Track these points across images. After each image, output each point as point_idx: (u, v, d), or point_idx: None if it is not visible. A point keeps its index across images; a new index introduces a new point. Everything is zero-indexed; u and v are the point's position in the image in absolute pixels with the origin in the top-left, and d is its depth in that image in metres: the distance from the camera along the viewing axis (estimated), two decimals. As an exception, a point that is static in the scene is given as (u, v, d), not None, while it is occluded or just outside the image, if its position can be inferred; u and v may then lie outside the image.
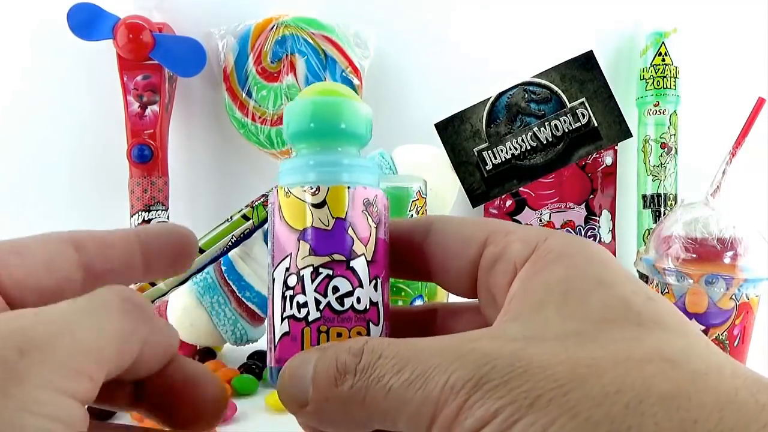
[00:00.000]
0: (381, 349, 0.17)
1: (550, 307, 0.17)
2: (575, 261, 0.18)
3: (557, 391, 0.14)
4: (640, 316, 0.16)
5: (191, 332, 0.53)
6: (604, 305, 0.17)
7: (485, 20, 0.71)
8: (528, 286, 0.18)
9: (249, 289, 0.53)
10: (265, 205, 0.51)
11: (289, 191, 0.23)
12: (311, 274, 0.22)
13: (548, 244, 0.19)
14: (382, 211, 0.23)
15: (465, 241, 0.21)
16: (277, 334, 0.22)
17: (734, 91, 0.72)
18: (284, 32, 0.64)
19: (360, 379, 0.17)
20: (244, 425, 0.45)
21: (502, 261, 0.20)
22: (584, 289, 0.17)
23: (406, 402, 0.16)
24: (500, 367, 0.15)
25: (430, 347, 0.17)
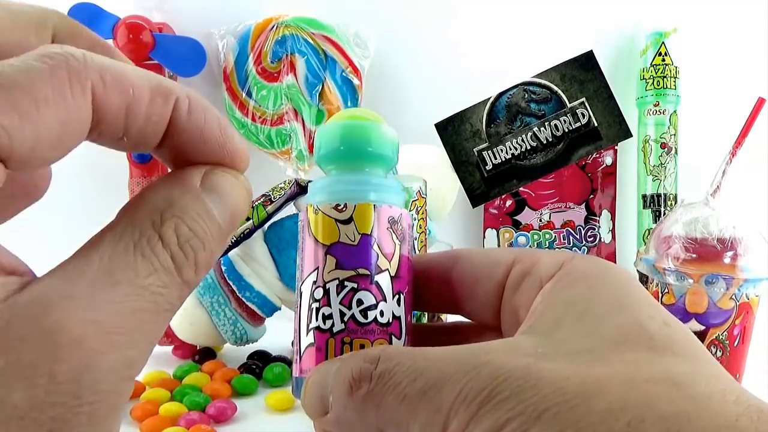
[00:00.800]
0: (398, 357, 0.18)
1: (566, 325, 0.18)
2: (598, 282, 0.19)
3: (564, 405, 0.15)
4: (653, 340, 0.17)
5: (191, 332, 0.53)
6: (618, 327, 0.17)
7: (485, 20, 0.71)
8: (549, 301, 0.19)
9: (249, 289, 0.53)
10: (265, 204, 0.51)
11: (318, 208, 0.24)
12: (337, 287, 0.24)
13: (574, 263, 0.20)
14: (407, 230, 0.24)
15: (493, 265, 0.22)
16: (303, 345, 0.23)
17: (734, 91, 0.72)
18: (284, 32, 0.64)
19: (376, 385, 0.18)
20: (244, 425, 0.45)
21: (529, 278, 0.21)
22: (602, 310, 0.18)
23: (420, 410, 0.17)
24: (512, 380, 0.16)
25: (445, 357, 0.17)
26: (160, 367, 0.53)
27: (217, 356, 0.56)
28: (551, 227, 0.72)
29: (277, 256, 0.53)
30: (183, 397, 0.46)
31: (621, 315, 0.17)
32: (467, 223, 0.74)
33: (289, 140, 0.65)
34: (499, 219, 0.72)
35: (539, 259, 0.21)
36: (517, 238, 0.72)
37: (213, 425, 0.44)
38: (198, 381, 0.49)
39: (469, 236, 0.74)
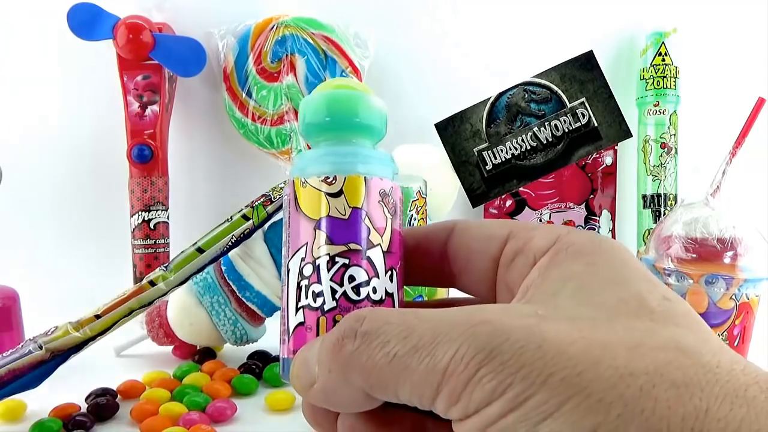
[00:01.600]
0: (387, 316, 0.17)
1: (564, 296, 0.17)
2: (594, 257, 0.18)
3: (570, 370, 0.14)
4: (654, 313, 0.16)
5: (191, 332, 0.53)
6: (618, 300, 0.17)
7: (485, 20, 0.71)
8: (545, 275, 0.18)
9: (249, 289, 0.53)
10: (265, 204, 0.51)
11: (306, 181, 0.23)
12: (327, 263, 0.22)
13: (570, 237, 0.19)
14: (398, 203, 0.23)
15: (487, 239, 0.21)
16: (292, 324, 0.22)
17: (734, 91, 0.72)
18: (284, 32, 0.64)
19: (362, 343, 0.16)
20: (244, 425, 0.45)
21: (523, 254, 0.20)
22: (600, 284, 0.17)
23: (411, 370, 0.16)
24: (513, 340, 0.15)
25: (439, 317, 0.16)
26: (160, 367, 0.53)
27: (217, 356, 0.56)
28: (551, 227, 0.71)
29: (277, 256, 0.53)
30: (183, 397, 0.46)
31: (620, 289, 0.17)
32: (467, 223, 0.74)
33: (289, 140, 0.65)
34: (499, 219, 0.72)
35: (533, 236, 0.20)
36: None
37: (213, 425, 0.44)
38: (198, 381, 0.49)
39: (469, 236, 0.74)
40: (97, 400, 0.45)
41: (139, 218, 0.61)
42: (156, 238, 0.61)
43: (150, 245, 0.61)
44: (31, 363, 0.43)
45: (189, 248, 0.50)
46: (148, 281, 0.47)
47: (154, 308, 0.54)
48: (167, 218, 0.63)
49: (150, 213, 0.61)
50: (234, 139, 0.67)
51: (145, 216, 0.61)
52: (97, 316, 0.45)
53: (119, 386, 0.49)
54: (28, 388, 0.43)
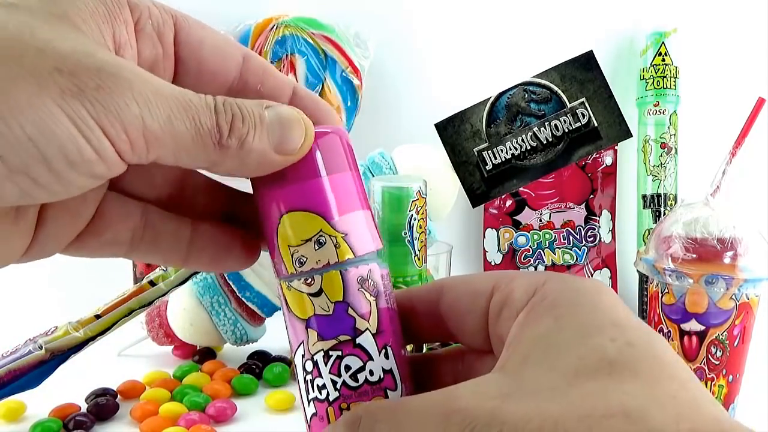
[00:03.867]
0: (376, 414, 0.20)
1: (532, 362, 0.19)
2: (564, 310, 0.20)
3: None
4: (613, 365, 0.18)
5: (191, 332, 0.53)
6: (579, 358, 0.18)
7: (485, 20, 0.71)
8: (520, 336, 0.20)
9: (249, 289, 0.53)
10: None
11: (290, 285, 0.25)
12: (323, 357, 0.24)
13: (544, 289, 0.21)
14: (379, 282, 0.25)
15: (474, 296, 0.23)
16: (308, 414, 0.25)
17: (734, 91, 0.72)
18: (284, 32, 0.64)
19: None
20: (244, 425, 0.45)
21: (506, 308, 0.21)
22: (566, 342, 0.19)
23: None
24: (479, 427, 0.17)
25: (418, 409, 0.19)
26: (160, 367, 0.53)
27: (217, 356, 0.56)
28: (551, 227, 0.72)
29: (277, 256, 0.53)
30: (183, 397, 0.46)
31: (583, 344, 0.18)
32: (467, 223, 0.74)
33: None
34: (499, 219, 0.72)
35: (513, 288, 0.21)
36: (517, 238, 0.72)
37: (213, 425, 0.44)
38: (198, 381, 0.50)
39: (469, 236, 0.74)
40: (97, 400, 0.45)
41: (139, 218, 0.61)
42: (156, 238, 0.61)
43: (150, 245, 0.61)
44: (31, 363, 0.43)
45: (189, 248, 0.50)
46: (148, 281, 0.47)
47: (154, 308, 0.54)
48: (167, 218, 0.63)
49: (150, 213, 0.61)
50: (234, 139, 0.67)
51: (145, 216, 0.61)
52: (97, 316, 0.45)
53: (119, 386, 0.49)
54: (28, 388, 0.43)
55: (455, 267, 0.62)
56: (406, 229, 0.42)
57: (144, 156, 0.19)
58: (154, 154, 0.19)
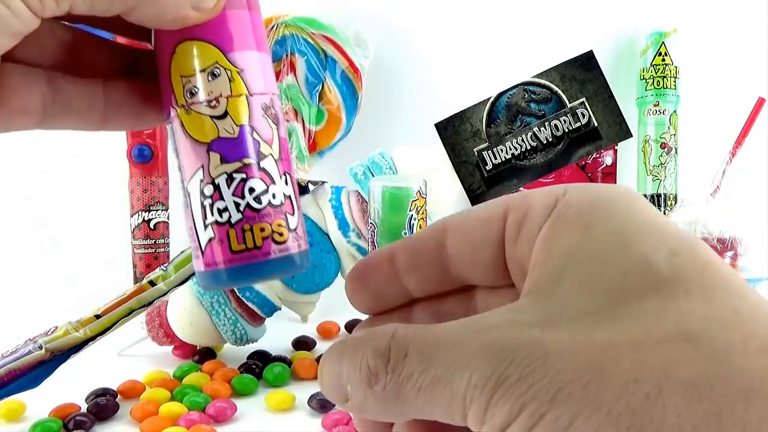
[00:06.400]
0: (406, 345, 0.17)
1: (567, 280, 0.17)
2: (594, 218, 0.17)
3: (576, 383, 0.14)
4: (661, 277, 0.16)
5: (191, 332, 0.53)
6: (622, 271, 0.16)
7: (485, 20, 0.71)
8: (547, 251, 0.18)
9: (249, 289, 0.53)
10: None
11: (190, 109, 0.25)
12: (226, 180, 0.24)
13: (567, 198, 0.18)
14: (279, 111, 0.25)
15: (486, 223, 0.21)
16: (203, 241, 0.24)
17: (734, 91, 0.72)
18: (284, 32, 0.64)
19: (392, 378, 0.17)
20: (244, 425, 0.45)
21: (525, 226, 0.19)
22: (603, 252, 0.17)
23: (437, 399, 0.16)
24: (519, 360, 0.15)
25: (450, 340, 0.17)
26: (160, 367, 0.53)
27: (217, 356, 0.56)
28: (551, 227, 0.72)
29: (277, 256, 0.53)
30: (183, 397, 0.46)
31: (623, 254, 0.16)
32: (467, 223, 0.74)
33: (289, 140, 0.65)
34: (499, 219, 0.72)
35: (531, 204, 0.19)
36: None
37: (213, 425, 0.44)
38: (198, 381, 0.49)
39: (469, 236, 0.74)
40: (97, 400, 0.45)
41: (139, 218, 0.61)
42: (156, 238, 0.61)
43: (150, 245, 0.61)
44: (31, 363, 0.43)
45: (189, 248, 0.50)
46: (148, 281, 0.47)
47: (154, 308, 0.54)
48: (167, 218, 0.63)
49: (150, 213, 0.61)
50: (234, 139, 0.67)
51: (145, 216, 0.61)
52: (97, 316, 0.45)
53: (119, 386, 0.49)
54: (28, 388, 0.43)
55: (455, 267, 0.62)
56: (406, 229, 0.42)
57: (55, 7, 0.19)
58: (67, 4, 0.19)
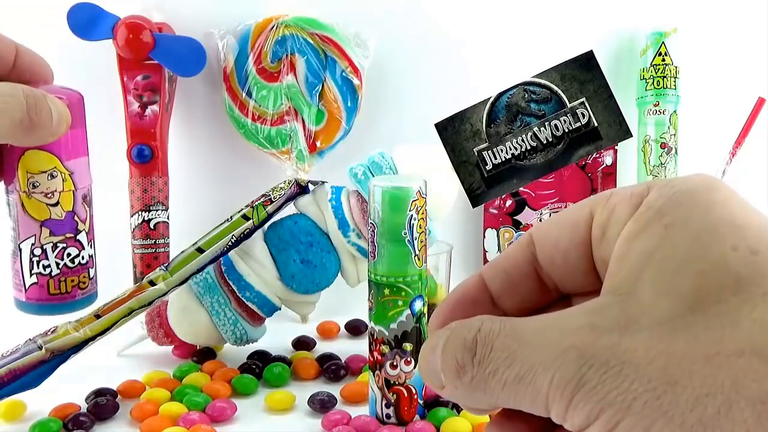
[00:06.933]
0: (492, 340, 0.18)
1: (646, 282, 0.17)
2: (674, 217, 0.18)
3: (651, 394, 0.15)
4: (738, 280, 0.16)
5: (191, 332, 0.53)
6: (699, 275, 0.16)
7: (485, 20, 0.70)
8: (628, 251, 0.18)
9: (249, 289, 0.53)
10: (265, 204, 0.51)
11: (31, 194, 0.41)
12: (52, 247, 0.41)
13: (649, 199, 0.19)
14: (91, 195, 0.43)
15: (572, 227, 0.21)
16: (27, 282, 0.41)
17: (734, 91, 0.72)
18: (284, 32, 0.64)
19: (478, 372, 0.18)
20: (244, 425, 0.45)
21: (610, 227, 0.19)
22: (681, 255, 0.17)
23: (521, 395, 0.17)
24: (597, 366, 0.16)
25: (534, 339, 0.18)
26: (160, 367, 0.53)
27: (217, 356, 0.56)
28: (551, 227, 0.72)
29: (277, 256, 0.53)
30: (183, 397, 0.46)
31: (701, 257, 0.17)
32: (467, 223, 0.74)
33: (289, 140, 0.65)
34: (499, 219, 0.72)
35: (615, 204, 0.20)
36: (517, 238, 0.72)
37: (213, 425, 0.44)
38: (198, 381, 0.50)
39: (469, 236, 0.74)
40: (97, 400, 0.45)
41: (139, 218, 0.61)
42: (156, 238, 0.61)
43: (150, 245, 0.61)
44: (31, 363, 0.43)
45: (189, 248, 0.50)
46: (148, 281, 0.47)
47: (154, 308, 0.54)
48: (167, 218, 0.63)
49: (150, 213, 0.61)
50: (234, 139, 0.67)
51: (145, 216, 0.61)
52: (97, 316, 0.45)
53: (119, 386, 0.49)
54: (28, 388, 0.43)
55: (455, 267, 0.62)
56: (406, 229, 0.42)
57: None
58: None
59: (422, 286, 0.44)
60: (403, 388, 0.43)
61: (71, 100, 0.44)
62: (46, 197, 0.41)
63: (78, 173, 0.44)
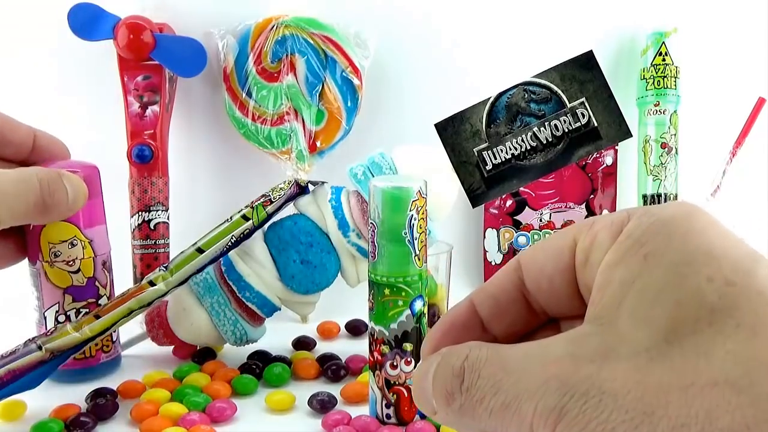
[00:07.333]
0: (479, 367, 0.19)
1: (624, 312, 0.17)
2: (653, 247, 0.18)
3: (628, 424, 0.15)
4: (713, 312, 0.16)
5: (191, 332, 0.53)
6: (675, 304, 0.17)
7: (485, 20, 0.71)
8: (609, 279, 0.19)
9: (249, 289, 0.53)
10: (265, 205, 0.51)
11: (53, 264, 0.44)
12: (75, 313, 0.45)
13: (628, 227, 0.19)
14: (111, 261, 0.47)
15: (557, 253, 0.21)
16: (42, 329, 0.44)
17: (734, 91, 0.72)
18: (284, 32, 0.64)
19: (466, 399, 0.19)
20: (244, 425, 0.45)
21: (593, 253, 0.20)
22: (659, 284, 0.17)
23: (508, 422, 0.18)
24: (577, 396, 0.16)
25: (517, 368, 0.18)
26: (160, 367, 0.53)
27: (217, 356, 0.56)
28: (551, 227, 0.72)
29: (277, 256, 0.53)
30: (183, 397, 0.46)
31: (678, 287, 0.17)
32: (467, 223, 0.74)
33: (289, 140, 0.65)
34: (499, 219, 0.72)
35: (597, 231, 0.20)
36: (517, 238, 0.72)
37: (213, 425, 0.44)
38: (198, 381, 0.49)
39: (469, 236, 0.74)
40: (97, 400, 0.45)
41: (138, 218, 0.61)
42: (156, 238, 0.61)
43: (150, 245, 0.61)
44: (31, 363, 0.43)
45: (189, 248, 0.50)
46: (148, 281, 0.47)
47: (154, 308, 0.54)
48: (167, 219, 0.63)
49: (150, 213, 0.61)
50: (234, 139, 0.67)
51: (145, 216, 0.61)
52: (97, 316, 0.45)
53: (119, 386, 0.49)
54: (28, 388, 0.43)
55: (455, 267, 0.62)
56: (407, 229, 0.42)
57: None
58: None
59: (422, 286, 0.44)
60: (403, 388, 0.43)
61: (87, 173, 0.47)
62: (67, 265, 0.44)
63: (97, 240, 0.47)
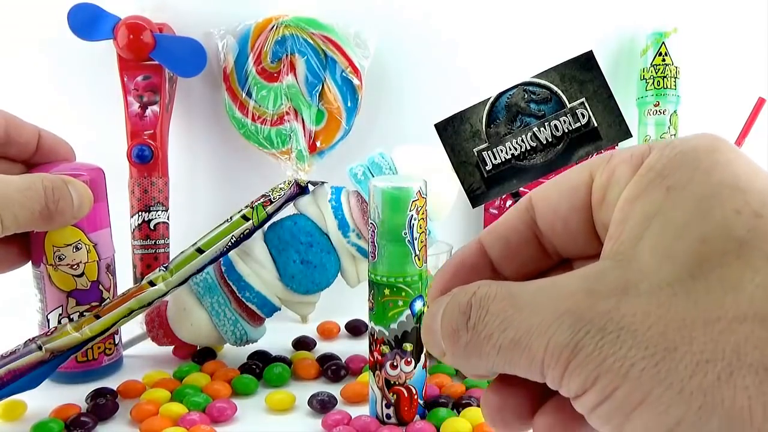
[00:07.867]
0: (487, 303, 0.18)
1: (646, 246, 0.16)
2: (676, 179, 0.17)
3: (648, 360, 0.15)
4: (741, 244, 0.15)
5: (191, 332, 0.53)
6: (701, 240, 0.16)
7: (485, 20, 0.71)
8: (629, 214, 0.18)
9: (249, 289, 0.53)
10: (265, 205, 0.51)
11: (57, 267, 0.44)
12: (78, 315, 0.44)
13: (650, 160, 0.18)
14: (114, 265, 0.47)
15: (572, 191, 0.20)
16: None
17: (734, 91, 0.72)
18: (284, 32, 0.64)
19: (472, 336, 0.18)
20: (244, 425, 0.45)
21: (611, 188, 0.19)
22: (683, 218, 0.16)
23: (517, 360, 0.17)
24: (593, 332, 0.15)
25: (529, 304, 0.17)
26: (160, 367, 0.53)
27: (217, 356, 0.56)
28: (551, 227, 0.71)
29: (277, 256, 0.53)
30: (183, 397, 0.46)
31: (703, 220, 0.16)
32: (467, 223, 0.74)
33: (289, 140, 0.65)
34: (499, 219, 0.72)
35: (615, 166, 0.19)
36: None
37: (213, 425, 0.44)
38: (198, 381, 0.50)
39: (469, 236, 0.74)
40: (97, 400, 0.45)
41: (138, 219, 0.61)
42: (156, 238, 0.61)
43: (150, 246, 0.61)
44: (30, 363, 0.43)
45: (189, 249, 0.50)
46: (148, 281, 0.47)
47: (154, 308, 0.54)
48: (167, 219, 0.63)
49: (150, 213, 0.61)
50: (234, 139, 0.67)
51: (145, 216, 0.61)
52: (97, 316, 0.45)
53: (119, 386, 0.49)
54: (28, 388, 0.43)
55: (455, 267, 0.62)
56: (407, 229, 0.42)
57: None
58: None
59: (422, 286, 0.44)
60: (403, 389, 0.43)
61: (92, 177, 0.47)
62: (71, 269, 0.44)
63: (101, 244, 0.47)
